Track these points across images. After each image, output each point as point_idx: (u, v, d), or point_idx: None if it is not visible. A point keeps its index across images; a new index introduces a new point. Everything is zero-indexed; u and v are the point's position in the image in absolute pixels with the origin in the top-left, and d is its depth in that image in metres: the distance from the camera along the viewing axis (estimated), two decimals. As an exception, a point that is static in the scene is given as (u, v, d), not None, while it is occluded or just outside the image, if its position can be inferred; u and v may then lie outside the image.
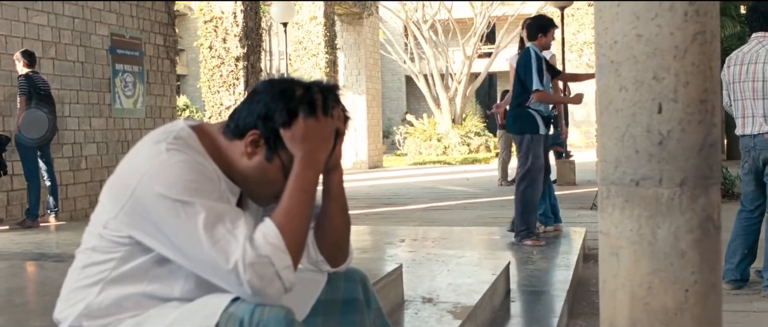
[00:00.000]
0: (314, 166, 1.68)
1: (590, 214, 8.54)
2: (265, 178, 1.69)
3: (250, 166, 1.69)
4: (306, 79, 1.73)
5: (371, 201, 11.50)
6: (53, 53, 8.93)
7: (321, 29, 18.51)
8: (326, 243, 1.81)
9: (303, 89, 1.68)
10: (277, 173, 1.68)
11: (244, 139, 1.68)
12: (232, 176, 1.71)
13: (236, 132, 1.70)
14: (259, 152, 1.68)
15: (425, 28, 26.86)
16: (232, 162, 1.70)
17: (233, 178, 1.71)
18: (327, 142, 1.70)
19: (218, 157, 1.70)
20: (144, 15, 10.52)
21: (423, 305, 3.33)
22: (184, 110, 24.69)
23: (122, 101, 10.06)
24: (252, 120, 1.67)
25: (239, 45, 14.39)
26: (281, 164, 1.68)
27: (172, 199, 1.54)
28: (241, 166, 1.70)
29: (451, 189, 13.33)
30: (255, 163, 1.68)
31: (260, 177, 1.69)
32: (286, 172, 1.67)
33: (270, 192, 1.72)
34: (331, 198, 1.80)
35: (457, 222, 8.33)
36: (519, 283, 4.45)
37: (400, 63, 28.30)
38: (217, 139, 1.72)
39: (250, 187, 1.73)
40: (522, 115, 5.87)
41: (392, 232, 6.63)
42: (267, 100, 1.67)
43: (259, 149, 1.68)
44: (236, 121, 1.70)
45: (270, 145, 1.67)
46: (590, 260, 5.74)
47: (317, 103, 1.67)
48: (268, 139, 1.67)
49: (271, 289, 1.55)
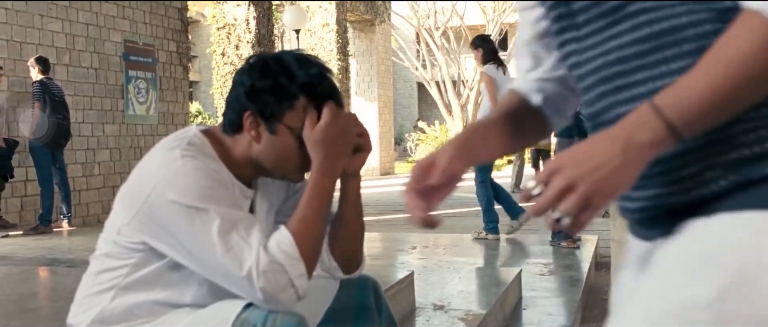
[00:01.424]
0: (332, 173, 1.68)
1: (602, 221, 8.49)
2: (280, 153, 1.68)
3: (262, 148, 1.68)
4: (284, 58, 1.70)
5: (383, 208, 11.49)
6: (67, 60, 8.98)
7: (333, 36, 18.54)
8: (340, 249, 1.81)
9: (285, 56, 1.68)
10: (289, 141, 1.67)
11: (244, 126, 1.68)
12: (251, 173, 1.71)
13: (233, 124, 1.70)
14: (262, 130, 1.67)
15: (437, 35, 26.85)
16: (245, 156, 1.70)
17: (253, 173, 1.72)
18: (347, 151, 1.70)
19: (230, 161, 1.70)
20: (157, 22, 10.57)
21: (434, 313, 3.33)
22: (197, 117, 24.75)
23: (135, 107, 10.11)
24: (240, 104, 1.68)
25: (252, 51, 14.45)
26: (288, 130, 1.67)
27: (186, 205, 1.54)
28: (255, 154, 1.70)
29: (462, 196, 13.29)
30: (264, 144, 1.68)
31: (276, 154, 1.69)
32: (297, 134, 1.67)
33: (293, 165, 1.71)
34: (349, 204, 1.79)
35: (468, 229, 8.31)
36: (531, 291, 4.44)
37: (412, 70, 28.31)
38: (224, 141, 1.72)
39: (274, 168, 1.72)
40: (573, 120, 5.93)
41: (404, 239, 6.62)
42: (244, 78, 1.68)
43: (260, 128, 1.67)
44: (228, 115, 1.71)
45: (267, 117, 1.66)
46: (602, 268, 5.72)
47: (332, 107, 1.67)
48: (263, 112, 1.66)
49: (284, 296, 1.55)
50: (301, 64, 1.66)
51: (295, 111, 1.66)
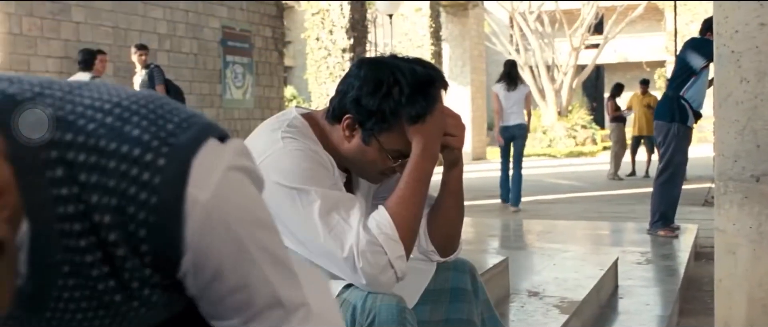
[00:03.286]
0: (432, 157, 1.68)
1: (702, 210, 8.26)
2: (366, 158, 1.71)
3: (351, 148, 1.71)
4: (401, 63, 1.68)
5: (475, 193, 11.44)
6: (168, 46, 9.26)
7: (426, 21, 18.50)
8: (438, 234, 1.82)
9: (402, 86, 1.64)
10: (377, 154, 1.69)
11: (341, 123, 1.70)
12: (340, 161, 1.74)
13: (334, 116, 1.72)
14: (356, 135, 1.69)
15: (531, 20, 26.48)
16: (336, 146, 1.73)
17: (341, 162, 1.74)
18: (441, 134, 1.70)
19: (327, 144, 1.73)
20: (253, 8, 10.78)
21: (529, 299, 3.30)
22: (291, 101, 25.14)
23: (232, 92, 10.35)
24: (345, 104, 1.69)
25: (346, 37, 14.57)
26: (380, 146, 1.68)
27: (289, 187, 1.58)
28: (343, 150, 1.72)
29: (555, 182, 13.13)
30: (354, 146, 1.70)
31: (362, 158, 1.71)
32: (387, 152, 1.68)
33: (375, 170, 1.74)
34: (449, 192, 1.80)
35: (562, 216, 8.21)
36: (628, 279, 4.35)
37: (506, 54, 27.97)
38: (324, 125, 1.75)
39: (356, 167, 1.76)
40: (676, 103, 5.82)
41: (496, 224, 6.58)
42: (359, 84, 1.66)
43: (355, 132, 1.69)
44: (333, 104, 1.73)
45: (366, 129, 1.67)
46: (702, 258, 5.55)
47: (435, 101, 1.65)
48: (363, 123, 1.67)
49: (384, 277, 1.57)
50: (413, 92, 1.63)
51: (392, 135, 1.67)
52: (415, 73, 1.65)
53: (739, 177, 1.70)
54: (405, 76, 1.64)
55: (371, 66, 1.69)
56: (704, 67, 5.68)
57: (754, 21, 1.64)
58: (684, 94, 5.80)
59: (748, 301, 1.70)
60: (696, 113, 5.89)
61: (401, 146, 1.68)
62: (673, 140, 5.79)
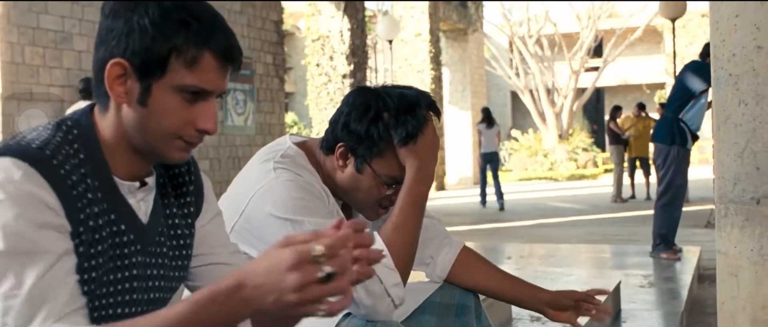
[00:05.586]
0: (427, 178, 1.68)
1: (704, 232, 8.24)
2: (360, 187, 1.70)
3: (345, 178, 1.71)
4: (390, 89, 1.70)
5: (477, 217, 11.43)
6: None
7: (426, 46, 18.57)
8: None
9: (390, 109, 1.66)
10: (371, 182, 1.69)
11: (334, 153, 1.70)
12: (335, 190, 1.74)
13: (327, 147, 1.72)
14: (350, 163, 1.69)
15: (531, 44, 26.57)
16: (331, 176, 1.73)
17: (336, 192, 1.74)
18: (435, 155, 1.71)
19: (323, 174, 1.73)
20: (254, 35, 10.83)
21: (531, 324, 3.29)
22: (292, 127, 25.20)
23: (234, 119, 10.37)
24: (338, 133, 1.69)
25: (346, 62, 14.62)
26: (373, 172, 1.68)
27: (283, 218, 1.58)
28: (337, 179, 1.72)
29: (558, 205, 13.11)
30: (348, 175, 1.70)
31: (355, 186, 1.71)
32: (380, 179, 1.68)
33: (370, 199, 1.73)
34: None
35: (564, 239, 8.19)
36: (630, 303, 4.32)
37: (506, 78, 28.07)
38: (319, 155, 1.75)
39: (351, 198, 1.75)
40: (675, 125, 5.83)
41: (498, 248, 6.56)
42: (347, 110, 1.68)
43: (349, 161, 1.69)
44: (326, 134, 1.73)
45: (358, 156, 1.68)
46: (705, 281, 5.53)
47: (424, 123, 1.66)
48: (356, 151, 1.68)
49: (381, 306, 1.56)
50: (400, 116, 1.64)
51: (384, 160, 1.67)
52: (402, 96, 1.67)
53: (739, 199, 1.70)
54: (392, 99, 1.66)
55: (360, 93, 1.72)
56: (704, 91, 5.70)
57: (751, 44, 1.65)
58: (683, 117, 5.82)
59: (751, 324, 1.69)
60: (693, 135, 5.92)
61: (395, 171, 1.68)
62: (672, 163, 5.80)
